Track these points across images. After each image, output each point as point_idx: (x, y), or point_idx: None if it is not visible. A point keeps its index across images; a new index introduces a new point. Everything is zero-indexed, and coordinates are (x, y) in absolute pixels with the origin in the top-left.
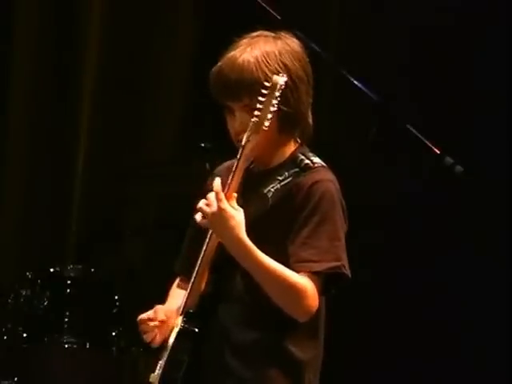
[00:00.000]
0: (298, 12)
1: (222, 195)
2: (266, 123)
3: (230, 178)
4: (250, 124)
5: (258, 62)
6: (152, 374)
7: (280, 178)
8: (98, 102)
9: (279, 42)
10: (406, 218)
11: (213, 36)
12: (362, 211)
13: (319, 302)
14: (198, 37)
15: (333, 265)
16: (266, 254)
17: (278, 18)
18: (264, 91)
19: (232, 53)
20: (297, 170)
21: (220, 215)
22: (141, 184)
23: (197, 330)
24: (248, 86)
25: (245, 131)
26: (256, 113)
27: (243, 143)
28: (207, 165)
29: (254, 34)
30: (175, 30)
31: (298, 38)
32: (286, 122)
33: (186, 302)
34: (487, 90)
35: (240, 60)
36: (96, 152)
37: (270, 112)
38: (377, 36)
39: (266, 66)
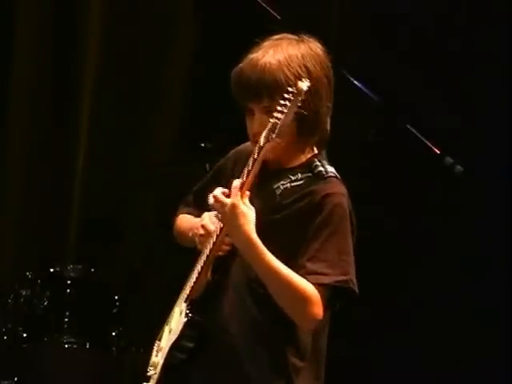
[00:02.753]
0: (298, 12)
1: (237, 191)
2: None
3: (245, 175)
4: (269, 124)
5: (281, 64)
6: (153, 357)
7: (292, 178)
8: (97, 102)
9: (302, 46)
10: (405, 218)
11: (213, 36)
12: (361, 211)
13: (325, 314)
14: (198, 37)
15: (340, 278)
16: (269, 248)
17: (278, 18)
18: (287, 95)
19: (254, 54)
20: (310, 174)
21: (231, 211)
22: (141, 184)
23: (201, 319)
24: (269, 87)
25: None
26: (278, 115)
27: (262, 143)
28: (207, 165)
29: (277, 36)
30: (175, 30)
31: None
32: (305, 125)
33: (191, 290)
34: (487, 89)
35: (262, 61)
36: (96, 152)
37: (293, 116)
38: (377, 36)
39: (288, 69)
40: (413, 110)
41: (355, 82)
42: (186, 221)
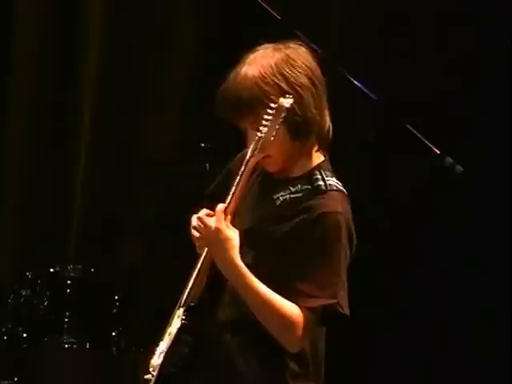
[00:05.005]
0: (297, 12)
1: (221, 215)
2: (272, 139)
3: (232, 192)
4: (256, 139)
5: (255, 77)
6: (152, 360)
7: (292, 189)
8: (98, 101)
9: (277, 54)
10: (405, 218)
11: (213, 36)
12: (361, 211)
13: (318, 329)
14: (198, 36)
15: (328, 302)
16: (263, 259)
17: (278, 18)
18: (270, 111)
19: (233, 72)
20: (309, 187)
21: (215, 236)
22: (141, 184)
23: (196, 324)
24: (247, 104)
25: None
26: (262, 129)
27: (248, 157)
28: (207, 165)
29: (256, 48)
30: (175, 30)
31: (297, 37)
32: (297, 129)
33: (187, 295)
34: (487, 89)
35: (237, 79)
36: (96, 152)
37: (276, 130)
38: (377, 36)
39: (263, 81)
40: (413, 110)
41: (355, 82)
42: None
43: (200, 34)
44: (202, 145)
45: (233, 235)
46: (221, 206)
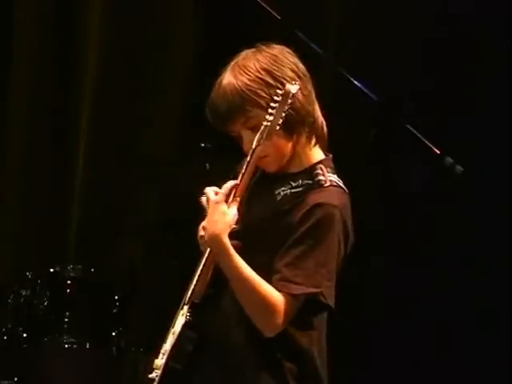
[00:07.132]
0: (298, 12)
1: (224, 192)
2: (277, 128)
3: (239, 180)
4: (262, 127)
5: (238, 78)
6: (156, 360)
7: (293, 184)
8: (98, 102)
9: (258, 54)
10: (405, 218)
11: (213, 36)
12: (361, 211)
13: (318, 320)
14: (198, 36)
15: (310, 291)
16: (261, 253)
17: (278, 18)
18: (276, 98)
19: (217, 80)
20: (310, 182)
21: (212, 206)
22: (141, 184)
23: (200, 321)
24: (237, 106)
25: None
26: (268, 117)
27: (254, 146)
28: (207, 165)
29: (238, 54)
30: (175, 30)
31: (297, 37)
32: (288, 122)
33: (192, 293)
34: (487, 89)
35: (222, 85)
36: (96, 152)
37: (282, 118)
38: (377, 36)
39: (248, 79)
40: (413, 110)
41: (355, 82)
42: None
43: (200, 34)
44: (202, 145)
45: (228, 212)
46: (228, 184)
